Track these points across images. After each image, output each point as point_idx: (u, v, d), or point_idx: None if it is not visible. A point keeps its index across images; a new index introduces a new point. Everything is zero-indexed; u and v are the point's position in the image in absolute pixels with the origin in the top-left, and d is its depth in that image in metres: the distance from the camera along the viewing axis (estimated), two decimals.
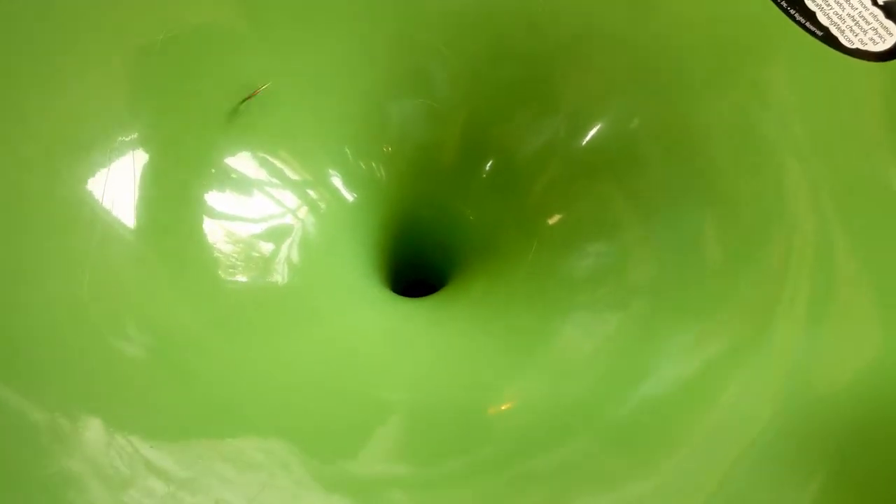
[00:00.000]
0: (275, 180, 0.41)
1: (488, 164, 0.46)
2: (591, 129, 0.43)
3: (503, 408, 0.35)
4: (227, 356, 0.33)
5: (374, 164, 0.46)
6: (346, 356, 0.37)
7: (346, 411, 0.34)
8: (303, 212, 0.43)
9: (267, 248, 0.40)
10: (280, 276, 0.39)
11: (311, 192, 0.44)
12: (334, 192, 0.45)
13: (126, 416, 0.26)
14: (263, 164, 0.41)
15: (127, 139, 0.32)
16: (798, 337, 0.34)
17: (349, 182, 0.45)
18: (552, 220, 0.43)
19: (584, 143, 0.43)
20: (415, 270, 0.50)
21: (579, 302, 0.38)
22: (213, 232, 0.36)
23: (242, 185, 0.39)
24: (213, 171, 0.38)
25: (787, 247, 0.36)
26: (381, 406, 0.35)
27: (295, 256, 0.40)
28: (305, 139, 0.43)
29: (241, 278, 0.37)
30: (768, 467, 0.31)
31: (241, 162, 0.39)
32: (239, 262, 0.37)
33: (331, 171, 0.45)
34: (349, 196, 0.45)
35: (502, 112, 0.46)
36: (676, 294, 0.37)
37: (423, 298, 0.45)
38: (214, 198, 0.37)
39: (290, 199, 0.42)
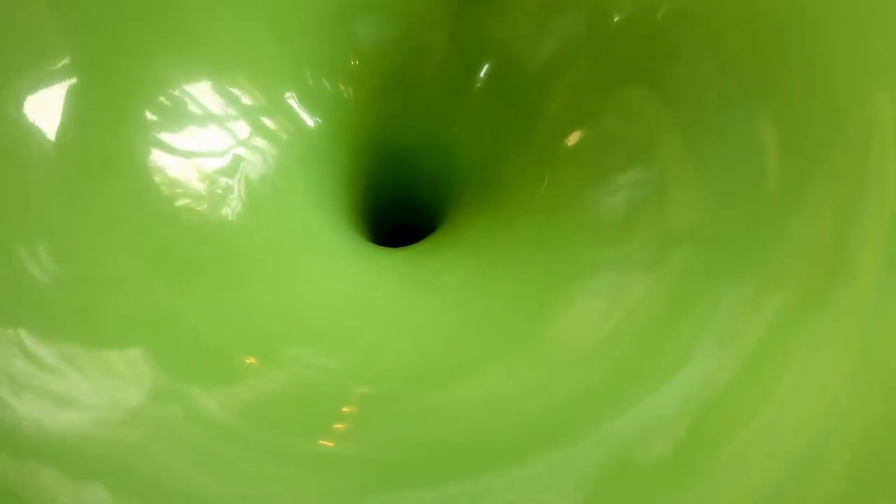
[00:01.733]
0: (222, 105, 0.33)
1: (483, 70, 0.36)
2: (614, 16, 0.33)
3: (453, 396, 0.27)
4: (143, 290, 0.28)
5: (339, 82, 0.36)
6: (273, 307, 0.30)
7: (229, 353, 0.27)
8: (254, 142, 0.34)
9: (211, 183, 0.32)
10: (225, 216, 0.31)
11: (265, 119, 0.35)
12: (291, 117, 0.35)
13: (20, 314, 0.25)
14: (209, 87, 0.33)
15: (58, 65, 0.29)
16: (876, 291, 0.25)
17: (309, 104, 0.36)
18: (571, 140, 0.33)
19: (606, 36, 0.33)
20: (400, 212, 0.41)
21: (607, 257, 0.29)
22: (153, 163, 0.30)
23: (187, 112, 0.32)
24: (161, 99, 0.31)
25: (863, 159, 0.26)
26: (273, 361, 0.28)
27: (244, 195, 0.32)
28: (252, 55, 0.35)
29: (180, 214, 0.30)
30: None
31: (185, 86, 0.32)
32: (179, 198, 0.31)
33: (286, 92, 0.35)
34: (310, 121, 0.36)
35: (496, 3, 0.36)
36: (727, 235, 0.27)
37: (402, 249, 0.36)
38: (155, 126, 0.31)
39: (240, 127, 0.34)
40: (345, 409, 0.26)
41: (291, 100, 0.35)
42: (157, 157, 0.30)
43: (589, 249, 0.29)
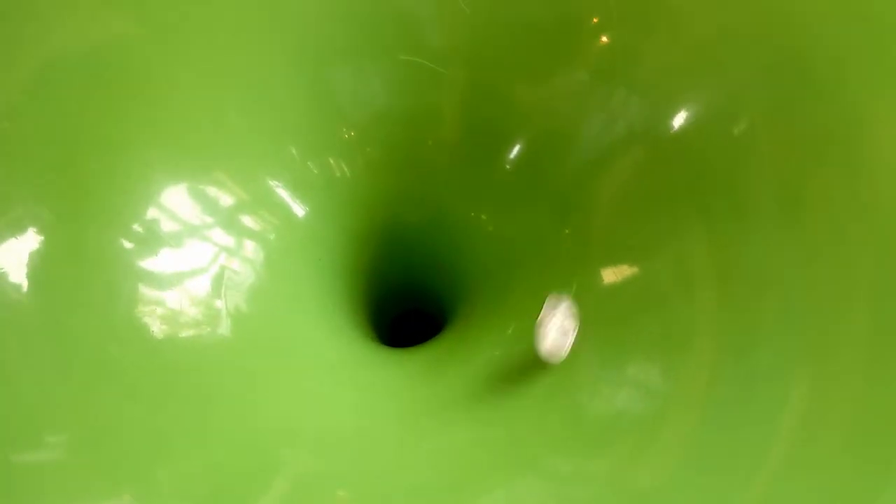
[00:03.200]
0: (198, 214, 0.28)
1: (514, 149, 0.30)
2: (674, 117, 0.26)
3: None
4: (140, 424, 0.25)
5: (330, 160, 0.30)
6: (258, 427, 0.27)
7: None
8: (239, 249, 0.29)
9: (195, 305, 0.28)
10: (212, 338, 0.28)
11: (247, 219, 0.29)
12: (277, 209, 0.30)
13: None
14: (185, 192, 0.28)
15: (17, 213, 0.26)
16: None
17: (296, 189, 0.30)
18: (607, 273, 0.27)
19: (669, 143, 0.27)
20: (406, 299, 0.36)
21: (561, 471, 0.25)
22: (132, 298, 0.27)
23: (161, 234, 0.28)
24: (134, 226, 0.27)
25: None
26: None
27: (232, 311, 0.28)
28: (228, 140, 0.29)
29: (163, 345, 0.27)
30: None
31: (159, 197, 0.28)
32: (163, 328, 0.27)
33: (269, 180, 0.29)
34: (299, 210, 0.30)
35: (528, 65, 0.28)
36: None
37: (405, 352, 0.32)
38: (132, 257, 0.27)
39: (221, 235, 0.29)
40: None
41: (277, 188, 0.29)
42: (136, 290, 0.27)
43: (552, 448, 0.25)
